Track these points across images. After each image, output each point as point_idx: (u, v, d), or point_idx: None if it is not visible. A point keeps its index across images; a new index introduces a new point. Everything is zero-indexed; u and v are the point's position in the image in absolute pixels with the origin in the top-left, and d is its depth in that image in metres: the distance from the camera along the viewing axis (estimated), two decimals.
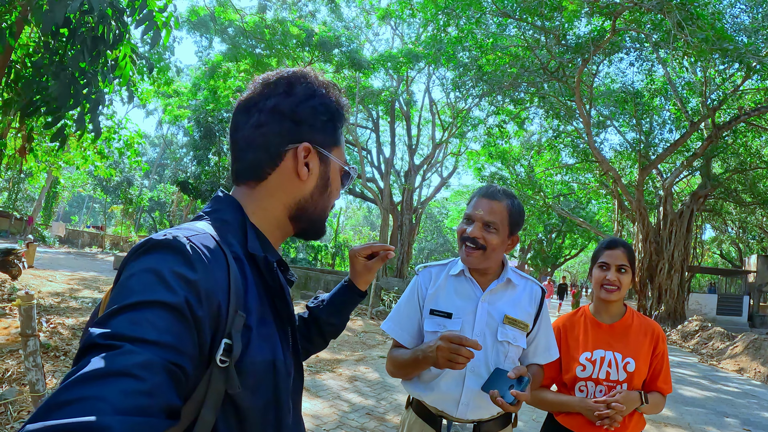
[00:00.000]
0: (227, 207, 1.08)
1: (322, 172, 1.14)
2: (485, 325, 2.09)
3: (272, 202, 1.11)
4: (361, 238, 61.41)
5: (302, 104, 1.10)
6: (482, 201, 2.09)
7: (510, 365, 2.08)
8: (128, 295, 0.79)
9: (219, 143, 25.08)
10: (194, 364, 0.81)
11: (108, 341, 0.72)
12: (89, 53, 6.10)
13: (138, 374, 0.69)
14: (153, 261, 0.84)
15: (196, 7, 23.78)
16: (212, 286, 0.86)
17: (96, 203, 72.06)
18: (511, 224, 2.11)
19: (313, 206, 1.14)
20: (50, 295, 10.58)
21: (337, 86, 1.20)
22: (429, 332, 2.14)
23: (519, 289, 2.20)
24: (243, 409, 0.90)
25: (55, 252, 28.61)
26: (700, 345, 16.37)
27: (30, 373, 3.45)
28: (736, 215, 29.39)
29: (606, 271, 2.43)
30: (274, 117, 1.08)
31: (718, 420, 7.46)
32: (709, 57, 15.17)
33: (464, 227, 2.11)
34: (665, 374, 2.44)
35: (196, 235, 0.91)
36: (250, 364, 0.91)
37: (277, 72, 1.15)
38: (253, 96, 1.11)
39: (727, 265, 39.76)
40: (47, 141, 12.23)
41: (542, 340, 2.23)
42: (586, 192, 30.28)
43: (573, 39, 18.38)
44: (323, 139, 1.13)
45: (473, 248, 2.07)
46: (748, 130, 21.27)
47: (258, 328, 0.95)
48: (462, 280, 2.18)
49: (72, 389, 0.66)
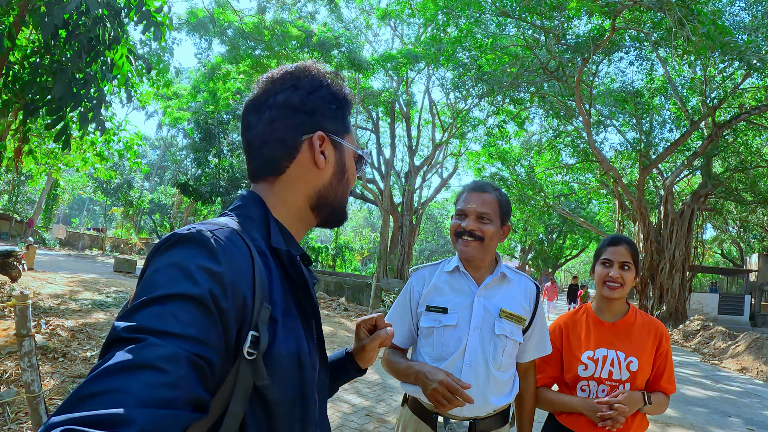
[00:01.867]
0: (250, 203, 1.09)
1: (337, 159, 1.16)
2: (482, 319, 2.11)
3: (293, 194, 1.13)
4: (362, 239, 61.39)
5: (311, 95, 1.12)
6: (473, 195, 2.16)
7: (507, 359, 2.12)
8: (153, 289, 0.80)
9: (219, 145, 25.10)
10: (220, 356, 0.81)
11: (132, 334, 0.73)
12: (86, 54, 6.10)
13: (162, 367, 0.70)
14: (177, 255, 0.85)
15: (194, 9, 23.77)
16: (237, 278, 0.87)
17: (96, 205, 72.13)
18: (502, 214, 2.18)
19: (333, 193, 1.16)
20: (50, 297, 10.56)
21: (340, 75, 1.22)
22: (424, 328, 2.18)
23: (513, 284, 2.24)
24: (271, 402, 0.90)
25: (55, 254, 28.60)
26: (701, 344, 16.34)
27: (25, 374, 3.42)
28: (737, 214, 29.35)
29: (609, 268, 2.40)
30: (286, 111, 1.10)
31: (722, 420, 7.43)
32: (709, 54, 15.14)
33: (458, 222, 2.16)
34: (669, 374, 2.41)
35: (219, 229, 0.92)
36: (277, 357, 0.92)
37: (280, 69, 1.17)
38: (262, 94, 1.13)
39: (729, 264, 39.76)
40: (47, 143, 12.23)
41: (537, 335, 2.27)
42: (586, 192, 30.27)
43: (572, 38, 18.38)
44: (335, 127, 1.16)
45: (471, 240, 2.11)
46: (748, 129, 21.22)
47: (284, 320, 0.96)
48: (457, 276, 2.22)
49: (96, 382, 0.67)
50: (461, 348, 2.07)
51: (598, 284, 2.44)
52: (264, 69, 23.04)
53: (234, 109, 25.34)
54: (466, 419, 2.07)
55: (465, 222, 2.12)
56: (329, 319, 13.59)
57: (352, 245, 50.14)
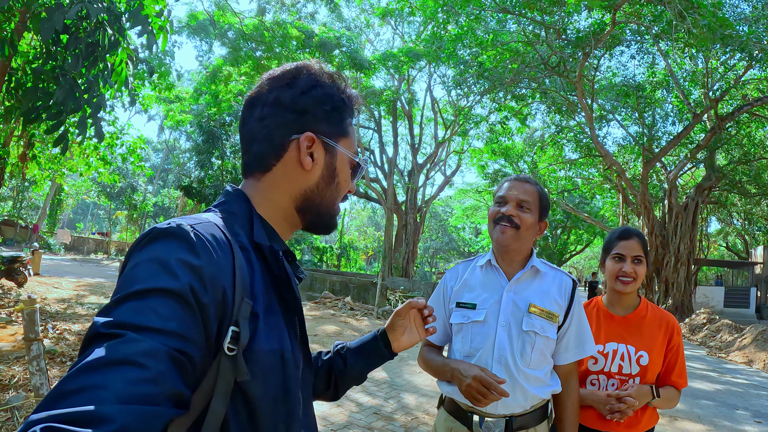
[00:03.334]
0: (235, 199, 1.08)
1: (327, 163, 1.13)
2: (510, 314, 2.06)
3: (278, 193, 1.11)
4: (367, 239, 61.39)
5: (304, 95, 1.10)
6: (515, 183, 2.16)
7: (538, 356, 2.04)
8: (132, 284, 0.79)
9: (222, 147, 25.15)
10: (201, 352, 0.81)
11: (111, 330, 0.72)
12: (85, 59, 6.11)
13: (141, 362, 0.70)
14: (157, 249, 0.84)
15: (194, 12, 23.79)
16: (217, 273, 0.86)
17: (100, 210, 72.16)
18: (541, 208, 2.16)
19: (319, 197, 1.13)
20: (56, 302, 10.61)
21: (344, 77, 1.19)
22: (455, 324, 2.16)
23: (548, 279, 2.16)
24: (252, 399, 0.90)
25: (60, 259, 28.70)
26: (708, 338, 16.30)
27: (34, 378, 3.44)
28: (742, 207, 29.22)
29: (621, 263, 2.38)
30: (276, 109, 1.09)
31: (729, 412, 7.42)
32: (710, 46, 15.08)
33: (497, 209, 2.14)
34: (680, 368, 2.39)
35: (200, 224, 0.92)
36: (258, 353, 0.91)
37: (283, 66, 1.15)
38: (259, 91, 1.12)
39: (734, 257, 39.59)
40: (50, 148, 12.27)
41: (573, 334, 2.14)
42: (590, 187, 30.17)
43: (573, 33, 18.33)
44: (328, 130, 1.12)
45: (508, 226, 2.09)
46: (751, 121, 21.11)
47: (265, 316, 0.95)
48: (488, 271, 2.19)
49: (75, 379, 0.66)
50: (489, 344, 2.03)
51: (610, 279, 2.41)
52: (265, 70, 22.97)
53: (236, 110, 25.37)
54: (502, 417, 2.01)
55: (504, 208, 2.11)
56: (335, 318, 13.60)
57: (357, 244, 50.20)
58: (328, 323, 12.43)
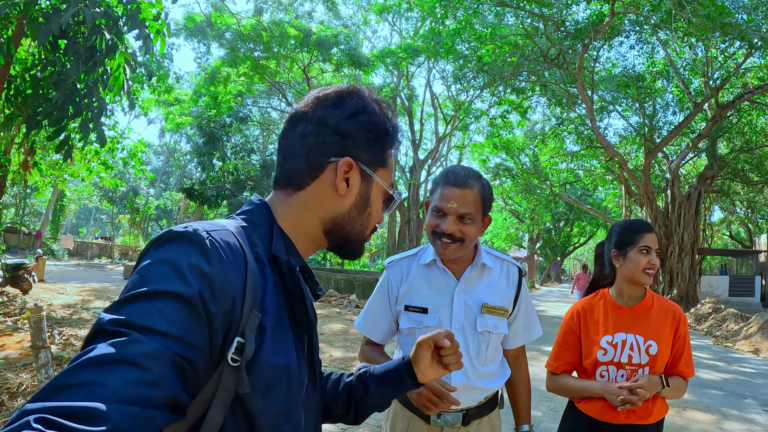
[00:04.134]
0: (257, 209, 1.07)
1: (362, 191, 1.11)
2: (463, 317, 2.04)
3: (307, 213, 1.09)
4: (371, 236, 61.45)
5: (350, 119, 1.08)
6: (454, 192, 1.94)
7: (492, 353, 2.07)
8: (143, 284, 0.79)
9: (222, 148, 25.17)
10: (203, 359, 0.80)
11: (117, 328, 0.72)
12: (84, 63, 6.11)
13: (143, 364, 0.69)
14: (171, 252, 0.84)
15: (192, 14, 23.78)
16: (227, 281, 0.85)
17: (103, 214, 72.36)
18: (484, 207, 2.00)
19: (350, 224, 1.12)
20: (62, 308, 10.62)
21: (392, 106, 1.17)
22: (405, 329, 2.09)
23: (495, 272, 2.13)
24: (252, 413, 0.88)
25: (64, 265, 28.75)
26: (714, 327, 16.29)
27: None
28: (744, 195, 29.18)
29: (648, 255, 2.35)
30: (319, 128, 1.07)
31: (737, 402, 7.41)
32: (710, 35, 15.05)
33: (436, 222, 1.97)
34: (687, 357, 2.38)
35: (216, 231, 0.91)
36: (263, 366, 0.89)
37: (333, 86, 1.13)
38: (305, 107, 1.11)
39: (738, 245, 39.55)
40: (51, 154, 12.29)
41: (521, 321, 2.18)
42: (592, 179, 30.17)
43: (572, 25, 18.30)
44: (368, 158, 1.11)
45: (450, 242, 1.95)
46: (752, 109, 21.06)
47: (273, 330, 0.94)
48: (434, 271, 2.10)
49: (75, 373, 0.66)
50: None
51: (636, 272, 2.35)
52: (264, 70, 23.08)
53: (236, 111, 25.36)
54: (459, 410, 2.03)
55: (445, 223, 1.93)
56: (341, 316, 13.61)
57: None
58: (334, 321, 12.43)
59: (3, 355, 6.31)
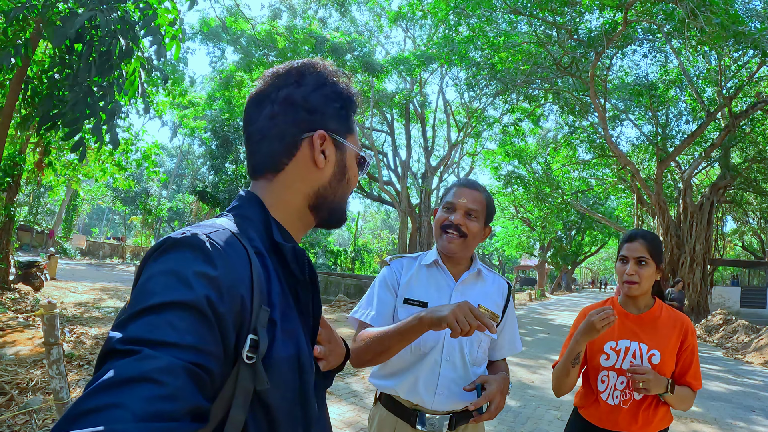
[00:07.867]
0: (249, 203, 1.07)
1: (338, 159, 1.13)
2: None
3: (291, 193, 1.10)
4: (381, 242, 61.34)
5: (314, 93, 1.10)
6: (464, 190, 2.15)
7: (482, 355, 2.15)
8: (147, 298, 0.77)
9: (236, 152, 25.26)
10: (219, 363, 0.79)
11: (127, 346, 0.71)
12: (98, 67, 6.19)
13: (159, 379, 0.68)
14: (172, 261, 0.83)
15: (207, 18, 23.98)
16: (234, 281, 0.85)
17: (115, 215, 72.95)
18: (488, 214, 2.18)
19: (332, 194, 1.14)
20: (73, 306, 10.73)
21: (347, 74, 1.19)
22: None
23: (488, 281, 2.26)
24: (271, 406, 0.89)
25: (76, 264, 28.98)
26: (724, 339, 16.14)
27: (54, 381, 3.50)
28: (757, 205, 28.94)
29: (625, 265, 2.38)
30: (287, 107, 1.08)
31: (745, 414, 7.36)
32: (723, 44, 14.98)
33: (446, 215, 2.15)
34: (695, 369, 2.37)
35: (215, 232, 0.90)
36: (277, 359, 0.90)
37: (287, 64, 1.15)
38: (265, 88, 1.11)
39: (750, 256, 39.20)
40: (66, 155, 12.43)
41: (508, 333, 2.29)
42: (604, 187, 30.04)
43: (585, 33, 18.28)
44: (337, 127, 1.13)
45: (456, 235, 2.11)
46: (766, 118, 20.92)
47: (282, 322, 0.94)
48: (434, 271, 2.21)
49: (92, 398, 0.65)
50: (440, 343, 2.07)
51: (618, 281, 2.44)
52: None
53: None
54: (446, 413, 2.06)
55: (453, 216, 2.12)
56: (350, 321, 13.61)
57: (371, 248, 50.13)
58: (344, 326, 12.46)
59: (14, 351, 6.39)
